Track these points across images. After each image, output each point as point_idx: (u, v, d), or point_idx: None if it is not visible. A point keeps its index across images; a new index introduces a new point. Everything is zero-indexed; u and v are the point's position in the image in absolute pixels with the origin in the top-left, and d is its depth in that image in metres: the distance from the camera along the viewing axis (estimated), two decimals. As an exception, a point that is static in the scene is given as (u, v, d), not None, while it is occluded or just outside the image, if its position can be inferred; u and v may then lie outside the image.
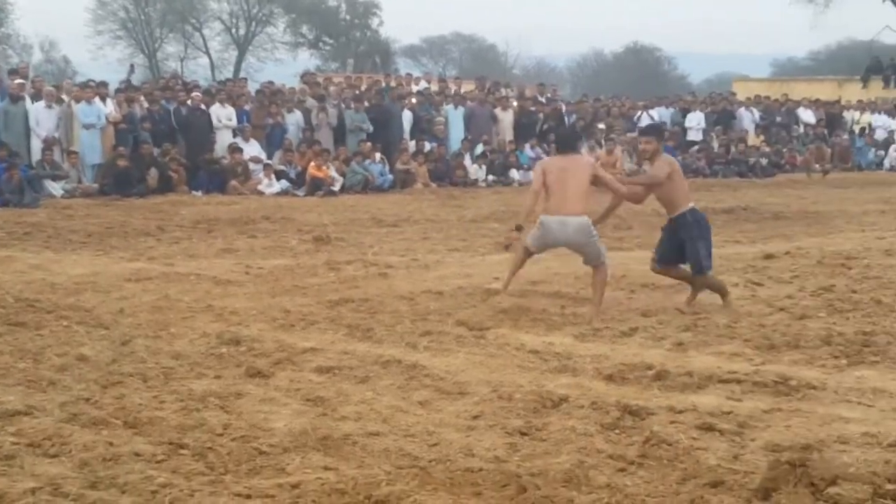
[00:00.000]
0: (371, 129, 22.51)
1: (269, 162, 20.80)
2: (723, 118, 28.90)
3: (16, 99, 18.93)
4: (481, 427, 5.50)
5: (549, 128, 25.50)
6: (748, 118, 29.51)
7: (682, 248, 8.81)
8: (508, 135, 24.92)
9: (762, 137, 28.80)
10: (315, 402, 5.97)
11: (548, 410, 5.76)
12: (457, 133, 24.14)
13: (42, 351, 7.01)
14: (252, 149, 20.97)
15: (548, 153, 24.76)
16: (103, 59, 53.32)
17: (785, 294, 9.23)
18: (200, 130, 20.81)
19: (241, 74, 44.35)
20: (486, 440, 5.25)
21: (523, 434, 5.36)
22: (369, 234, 14.29)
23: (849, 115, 31.75)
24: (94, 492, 4.51)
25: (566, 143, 9.45)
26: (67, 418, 5.51)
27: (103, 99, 19.93)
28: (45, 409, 5.65)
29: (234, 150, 20.43)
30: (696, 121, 28.16)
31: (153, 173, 19.22)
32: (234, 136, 21.23)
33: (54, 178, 18.41)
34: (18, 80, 19.72)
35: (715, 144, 27.14)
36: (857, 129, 30.87)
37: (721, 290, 8.83)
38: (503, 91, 27.37)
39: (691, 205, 8.89)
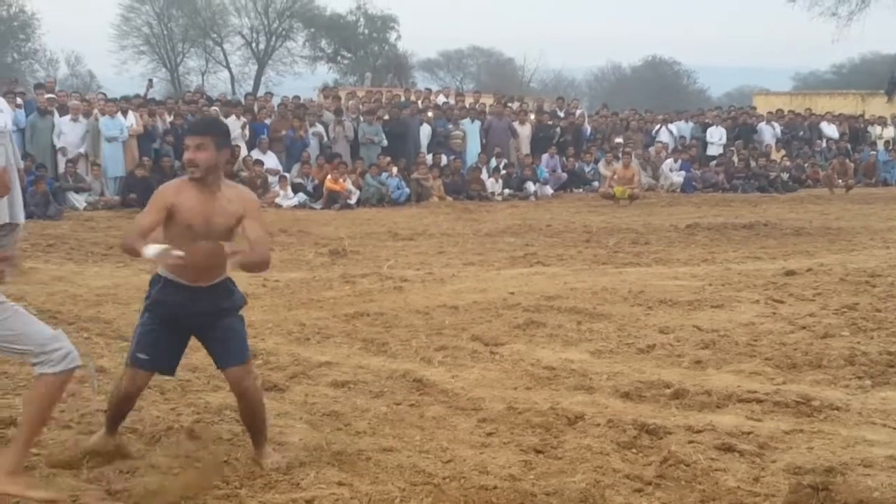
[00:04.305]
0: (384, 142, 22.59)
1: (285, 174, 20.84)
2: (743, 132, 28.78)
3: (43, 113, 19.33)
4: (496, 444, 5.46)
5: (566, 141, 25.56)
6: (769, 132, 29.35)
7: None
8: (526, 148, 24.91)
9: (783, 152, 28.64)
10: (330, 416, 5.94)
11: (563, 428, 5.70)
12: (474, 147, 24.14)
13: (60, 362, 6.99)
14: (269, 161, 21.03)
15: (564, 167, 24.85)
16: (127, 73, 53.88)
17: (807, 312, 9.10)
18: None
19: (261, 88, 44.51)
20: (501, 458, 5.21)
21: (538, 452, 5.31)
22: (385, 247, 14.27)
23: (873, 130, 31.47)
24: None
25: None
26: (86, 430, 5.50)
27: (125, 113, 20.12)
28: (63, 421, 5.63)
29: (254, 162, 20.51)
30: (717, 135, 28.07)
31: (172, 185, 19.31)
32: (251, 149, 21.34)
33: (77, 191, 18.64)
34: (48, 95, 20.20)
35: (735, 159, 27.00)
36: (881, 143, 30.59)
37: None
38: (522, 104, 27.38)
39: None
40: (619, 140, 26.46)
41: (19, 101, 19.04)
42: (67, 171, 18.78)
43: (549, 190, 23.84)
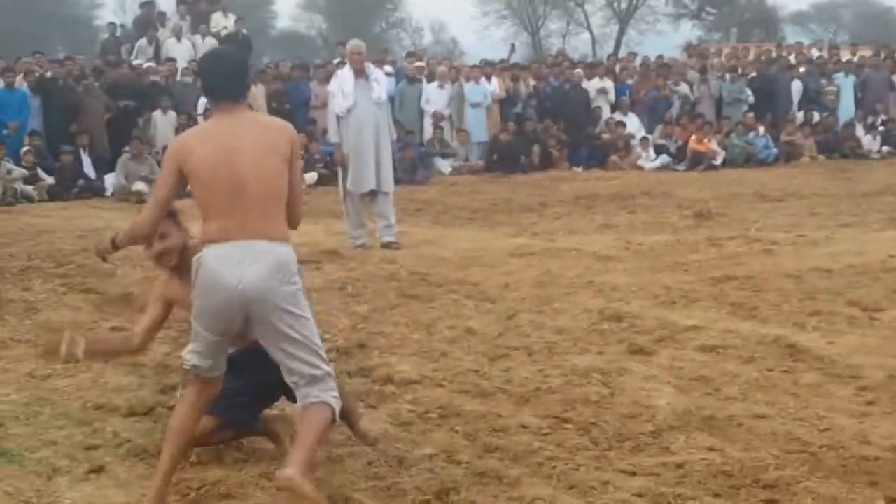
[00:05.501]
0: (751, 99, 21.84)
1: (647, 136, 20.69)
2: None
3: (412, 80, 20.12)
4: (876, 414, 5.22)
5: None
6: None
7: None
8: (908, 103, 23.29)
9: None
10: (698, 381, 5.88)
11: (954, 402, 5.34)
12: (848, 102, 22.88)
13: (434, 323, 7.36)
14: (632, 122, 20.95)
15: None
16: (488, 38, 55.23)
17: None
18: (581, 106, 21.07)
19: (623, 48, 44.31)
20: (883, 428, 4.98)
21: (925, 424, 5.01)
22: (752, 209, 13.85)
23: None
24: (483, 461, 4.69)
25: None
26: (458, 389, 5.75)
27: (489, 78, 20.66)
28: (438, 379, 5.93)
29: (616, 124, 20.51)
30: None
31: (536, 150, 19.69)
32: (613, 110, 21.33)
33: (443, 156, 19.37)
34: (417, 63, 21.08)
35: None
36: None
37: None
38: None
39: None
40: None
41: (389, 69, 19.92)
42: (435, 136, 19.54)
43: (933, 147, 22.20)
